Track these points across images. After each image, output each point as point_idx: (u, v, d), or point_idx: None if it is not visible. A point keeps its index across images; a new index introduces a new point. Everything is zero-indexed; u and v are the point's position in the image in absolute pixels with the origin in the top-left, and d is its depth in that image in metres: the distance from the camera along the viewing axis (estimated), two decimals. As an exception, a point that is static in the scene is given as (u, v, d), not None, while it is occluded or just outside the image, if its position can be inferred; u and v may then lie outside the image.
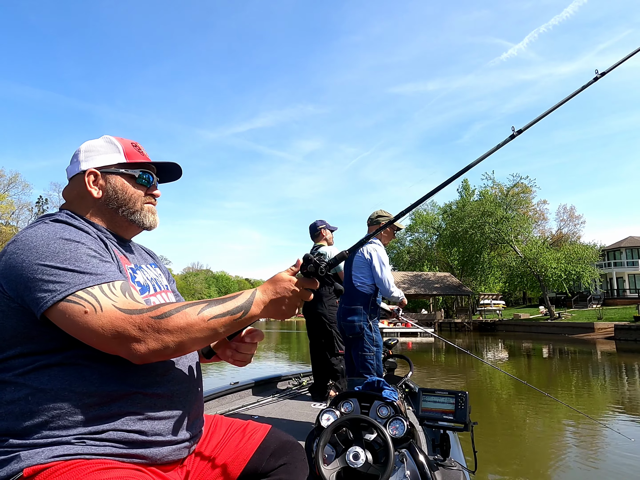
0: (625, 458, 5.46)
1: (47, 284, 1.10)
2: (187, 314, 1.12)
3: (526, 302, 64.51)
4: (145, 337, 1.08)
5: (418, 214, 61.75)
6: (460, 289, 48.02)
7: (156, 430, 1.21)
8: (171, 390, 1.27)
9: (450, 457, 2.51)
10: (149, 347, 1.09)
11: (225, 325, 1.16)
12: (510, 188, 47.67)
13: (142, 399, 1.20)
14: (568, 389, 10.71)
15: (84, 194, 1.37)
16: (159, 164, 1.50)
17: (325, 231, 5.07)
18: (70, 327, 1.10)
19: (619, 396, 9.56)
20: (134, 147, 1.45)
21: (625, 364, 15.65)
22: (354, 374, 3.88)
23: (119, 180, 1.39)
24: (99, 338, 1.09)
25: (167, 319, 1.10)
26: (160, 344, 1.09)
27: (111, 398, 1.15)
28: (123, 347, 1.09)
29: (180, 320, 1.11)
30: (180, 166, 1.53)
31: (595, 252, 41.82)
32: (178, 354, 1.15)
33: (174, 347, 1.11)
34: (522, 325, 38.60)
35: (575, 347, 22.78)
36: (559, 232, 62.75)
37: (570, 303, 47.30)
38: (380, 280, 3.82)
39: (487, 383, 11.84)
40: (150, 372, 1.23)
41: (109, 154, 1.40)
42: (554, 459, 5.52)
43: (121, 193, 1.39)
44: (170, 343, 1.10)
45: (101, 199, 1.37)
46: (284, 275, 1.25)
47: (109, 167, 1.39)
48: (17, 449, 1.08)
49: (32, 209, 57.66)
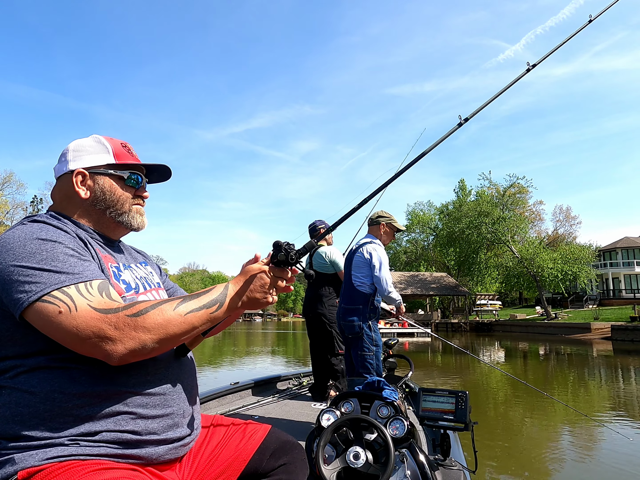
0: (625, 456, 5.47)
1: (23, 285, 1.09)
2: (163, 311, 1.11)
3: (522, 303, 64.65)
4: (122, 337, 1.07)
5: (415, 214, 61.89)
6: (456, 289, 48.11)
7: (150, 430, 1.19)
8: (163, 388, 1.26)
9: (450, 456, 2.50)
10: (127, 346, 1.07)
11: (202, 320, 1.17)
12: (506, 188, 47.77)
13: (134, 399, 1.19)
14: (565, 389, 10.72)
15: (72, 194, 1.36)
16: (148, 166, 1.48)
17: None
18: (45, 328, 1.09)
19: (616, 396, 9.58)
20: (123, 147, 1.44)
21: (623, 365, 15.69)
22: (354, 374, 3.88)
23: (107, 181, 1.37)
24: (74, 339, 1.07)
25: (144, 316, 1.09)
26: (138, 343, 1.08)
27: (102, 398, 1.14)
28: (99, 348, 1.07)
29: (157, 317, 1.10)
30: (169, 168, 1.52)
31: (592, 253, 41.92)
32: (156, 352, 1.13)
33: (152, 344, 1.10)
34: (519, 326, 38.63)
35: (572, 347, 22.82)
36: (555, 232, 62.97)
37: (567, 303, 47.42)
38: (378, 279, 3.82)
39: (484, 383, 11.85)
40: (141, 371, 1.22)
41: (97, 154, 1.38)
42: (553, 458, 5.52)
43: (109, 194, 1.37)
44: (148, 341, 1.09)
45: (89, 200, 1.36)
46: (254, 267, 1.27)
47: (97, 167, 1.37)
48: (10, 451, 1.07)
49: (27, 208, 57.55)
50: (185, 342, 1.25)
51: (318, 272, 4.91)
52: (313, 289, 5.00)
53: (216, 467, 1.39)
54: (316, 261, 4.94)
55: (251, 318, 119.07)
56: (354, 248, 4.10)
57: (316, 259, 4.94)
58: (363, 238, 4.13)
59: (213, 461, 1.40)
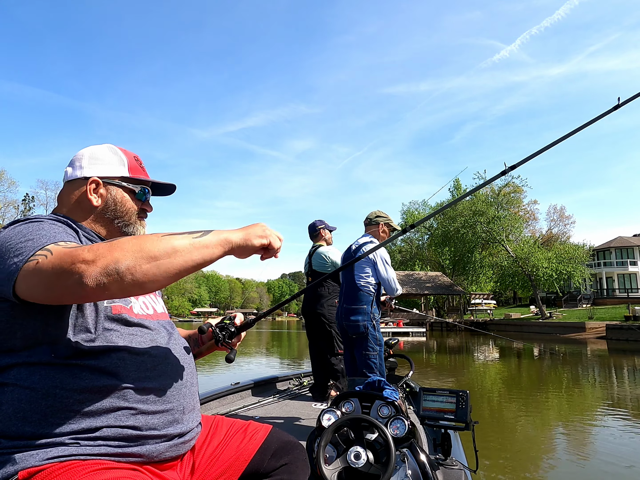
0: (622, 456, 5.48)
1: (12, 259, 1.06)
2: (139, 235, 1.11)
3: (516, 302, 64.92)
4: (96, 257, 0.99)
5: (410, 213, 61.86)
6: (451, 289, 48.21)
7: (150, 425, 1.19)
8: (162, 384, 1.26)
9: (451, 456, 2.50)
10: (99, 264, 0.98)
11: (184, 243, 1.08)
12: (501, 187, 47.83)
13: (134, 394, 1.18)
14: (559, 388, 10.75)
15: (82, 200, 1.38)
16: (157, 184, 1.53)
17: (324, 231, 5.09)
18: (30, 287, 1.04)
19: (614, 395, 9.61)
20: (136, 161, 1.49)
21: (619, 364, 15.75)
22: (354, 373, 3.88)
23: (119, 192, 1.42)
24: (50, 277, 1.01)
25: (120, 239, 1.05)
26: (111, 260, 0.99)
27: (102, 394, 1.14)
28: (74, 270, 0.98)
29: (133, 239, 1.05)
30: (175, 186, 1.58)
31: (586, 252, 42.11)
32: (135, 276, 1.01)
33: (127, 262, 1.00)
34: (514, 325, 38.71)
35: (567, 346, 22.91)
36: (549, 232, 63.22)
37: (561, 303, 47.62)
38: (385, 280, 3.83)
39: (479, 382, 11.86)
40: (139, 366, 1.22)
41: (113, 165, 1.43)
42: (549, 457, 5.55)
43: (120, 205, 1.41)
44: (121, 259, 1.00)
45: (99, 208, 1.39)
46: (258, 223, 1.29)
47: (112, 178, 1.41)
48: (11, 450, 1.07)
49: (18, 206, 57.42)
50: (176, 272, 1.11)
51: (317, 272, 4.91)
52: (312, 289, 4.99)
53: (217, 467, 1.39)
54: (315, 261, 4.94)
55: (245, 318, 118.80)
56: (353, 248, 4.09)
57: (316, 259, 4.94)
58: (361, 238, 4.12)
59: (214, 461, 1.40)
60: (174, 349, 1.35)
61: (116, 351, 1.19)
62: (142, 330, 1.28)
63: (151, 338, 1.30)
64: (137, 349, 1.23)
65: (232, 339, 1.46)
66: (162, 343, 1.32)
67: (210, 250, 1.12)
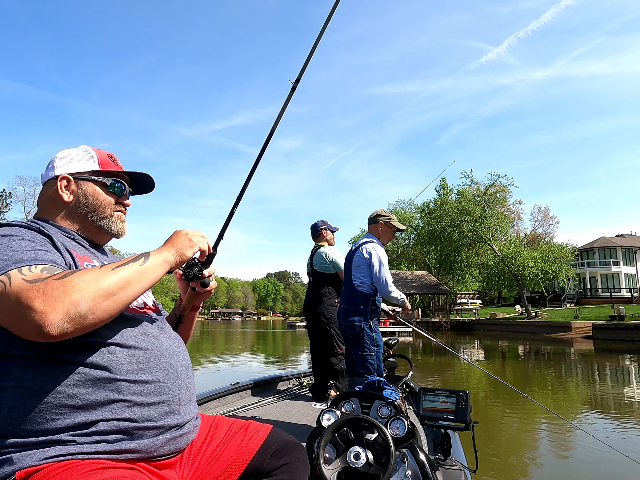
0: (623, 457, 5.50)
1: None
2: (91, 270, 1.10)
3: (501, 302, 65.59)
4: (52, 302, 1.00)
5: (396, 213, 62.08)
6: (438, 288, 48.47)
7: (146, 417, 1.20)
8: (157, 376, 1.26)
9: (451, 456, 2.51)
10: (58, 310, 1.00)
11: (132, 271, 1.16)
12: (487, 187, 48.12)
13: (128, 387, 1.19)
14: (545, 388, 10.84)
15: (55, 197, 1.41)
16: (130, 174, 1.55)
17: (326, 232, 5.11)
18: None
19: (605, 395, 9.71)
20: (109, 157, 1.51)
21: (605, 364, 15.91)
22: (354, 373, 3.87)
23: (90, 186, 1.44)
24: (5, 314, 1.03)
25: (72, 276, 1.06)
26: (70, 304, 1.02)
27: (96, 387, 1.15)
28: (30, 320, 0.99)
29: (86, 276, 1.07)
30: (152, 177, 1.58)
31: (571, 252, 42.54)
32: (96, 314, 1.06)
33: (87, 304, 1.04)
34: (499, 325, 39.09)
35: (553, 346, 23.12)
36: (533, 232, 63.88)
37: (545, 302, 48.19)
38: (378, 280, 3.80)
39: (465, 381, 11.91)
40: (132, 359, 1.23)
41: (83, 161, 1.46)
42: (534, 458, 5.58)
43: (91, 199, 1.44)
44: (81, 300, 1.03)
45: (71, 203, 1.42)
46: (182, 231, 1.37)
47: (81, 173, 1.44)
48: (8, 449, 1.07)
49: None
50: (130, 302, 1.19)
51: (319, 272, 4.93)
52: (313, 289, 5.04)
53: (217, 466, 1.40)
54: (317, 261, 4.97)
55: (230, 317, 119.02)
56: (353, 248, 4.09)
57: (317, 259, 4.97)
58: (363, 237, 4.12)
59: (214, 461, 1.40)
60: (166, 341, 1.36)
61: (107, 345, 1.20)
62: (133, 324, 1.29)
63: (142, 331, 1.30)
64: (129, 343, 1.24)
65: (202, 272, 1.46)
66: (153, 336, 1.33)
67: (154, 274, 1.22)
